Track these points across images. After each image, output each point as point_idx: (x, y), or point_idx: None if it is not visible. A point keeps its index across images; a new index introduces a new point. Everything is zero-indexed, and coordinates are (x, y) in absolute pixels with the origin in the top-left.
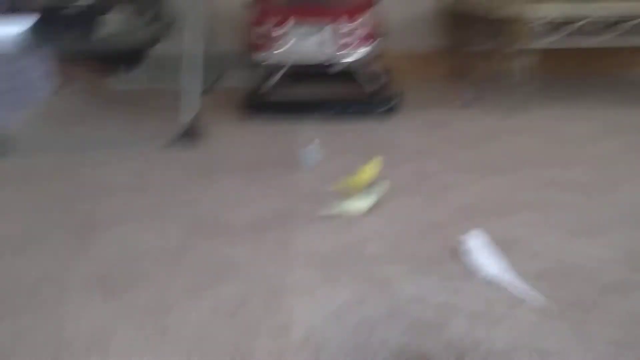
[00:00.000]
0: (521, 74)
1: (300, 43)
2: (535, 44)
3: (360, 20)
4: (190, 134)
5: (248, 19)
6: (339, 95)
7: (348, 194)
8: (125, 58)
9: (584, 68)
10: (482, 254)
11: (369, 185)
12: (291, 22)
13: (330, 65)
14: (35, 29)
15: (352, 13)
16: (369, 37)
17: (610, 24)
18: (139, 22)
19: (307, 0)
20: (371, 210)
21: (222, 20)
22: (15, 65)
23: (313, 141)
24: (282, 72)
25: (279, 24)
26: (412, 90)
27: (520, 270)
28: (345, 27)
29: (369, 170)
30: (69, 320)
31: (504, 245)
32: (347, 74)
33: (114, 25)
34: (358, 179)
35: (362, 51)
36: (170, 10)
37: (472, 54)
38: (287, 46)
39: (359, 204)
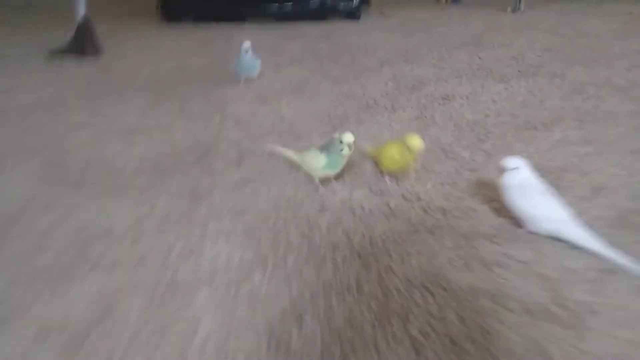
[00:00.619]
0: None
1: None
2: None
3: None
4: (78, 47)
5: None
6: None
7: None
8: None
9: None
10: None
11: (332, 144)
12: None
13: None
14: None
15: None
16: None
17: None
18: None
19: None
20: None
21: None
22: None
23: (243, 44)
24: None
25: None
26: None
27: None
28: None
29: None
30: None
31: None
32: None
33: None
34: (390, 156)
35: None
36: None
37: None
38: None
39: (318, 163)
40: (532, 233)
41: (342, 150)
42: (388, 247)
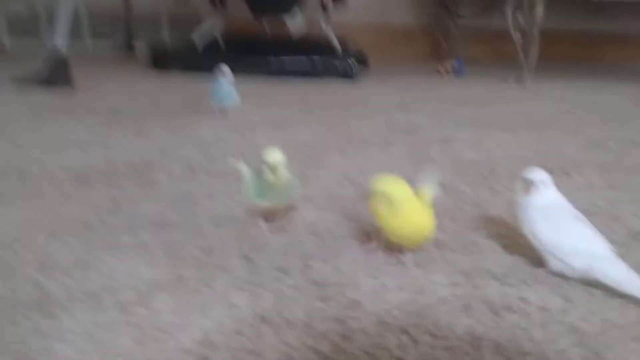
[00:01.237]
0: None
1: None
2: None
3: None
4: (49, 77)
5: None
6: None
7: None
8: None
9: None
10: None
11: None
12: None
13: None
14: None
15: None
16: None
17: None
18: None
19: None
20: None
21: None
22: None
23: (221, 70)
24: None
25: None
26: (385, 63)
27: None
28: None
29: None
30: None
31: None
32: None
33: None
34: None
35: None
36: None
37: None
38: None
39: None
40: (556, 274)
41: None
42: (356, 276)
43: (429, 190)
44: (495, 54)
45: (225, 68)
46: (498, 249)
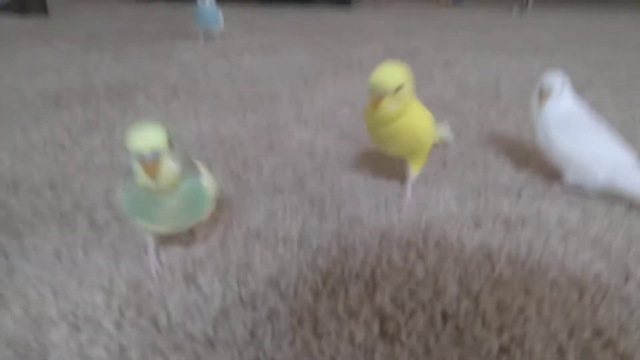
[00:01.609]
0: None
1: None
2: None
3: None
4: (20, 3)
5: None
6: None
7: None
8: None
9: None
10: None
11: None
12: None
13: None
14: None
15: None
16: None
17: None
18: None
19: None
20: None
21: None
22: None
23: None
24: None
25: None
26: None
27: None
28: None
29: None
30: None
31: None
32: None
33: None
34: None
35: None
36: None
37: None
38: None
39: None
40: (573, 188)
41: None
42: (356, 194)
43: (442, 130)
44: None
45: None
46: (509, 165)
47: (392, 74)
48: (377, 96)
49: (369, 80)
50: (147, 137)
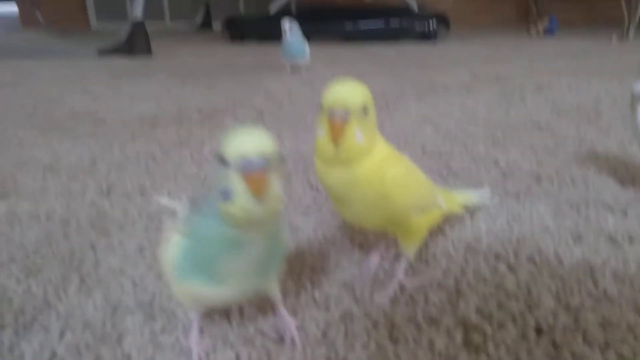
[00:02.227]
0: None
1: None
2: None
3: None
4: (129, 46)
5: None
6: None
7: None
8: None
9: None
10: None
11: None
12: None
13: None
14: None
15: None
16: None
17: None
18: None
19: None
20: None
21: None
22: None
23: (290, 23)
24: None
25: None
26: (468, 27)
27: None
28: None
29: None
30: None
31: None
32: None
33: None
34: None
35: None
36: None
37: None
38: None
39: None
40: None
41: (232, 203)
42: None
43: (468, 197)
44: (589, 13)
45: (290, 22)
46: (612, 183)
47: (355, 89)
48: (337, 119)
49: (323, 99)
50: (257, 140)
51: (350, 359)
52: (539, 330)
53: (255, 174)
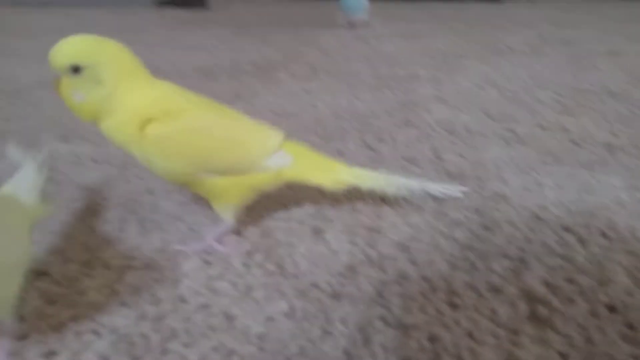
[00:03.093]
0: None
1: None
2: None
3: None
4: None
5: None
6: None
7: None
8: None
9: None
10: None
11: None
12: None
13: None
14: None
15: None
16: None
17: None
18: None
19: None
20: None
21: None
22: None
23: None
24: None
25: None
26: None
27: None
28: None
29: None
30: None
31: None
32: None
33: None
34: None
35: None
36: None
37: None
38: None
39: None
40: None
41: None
42: (502, 172)
43: (369, 179)
44: None
45: None
46: None
47: (71, 46)
48: (52, 81)
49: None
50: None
51: (406, 321)
52: (612, 309)
53: None
